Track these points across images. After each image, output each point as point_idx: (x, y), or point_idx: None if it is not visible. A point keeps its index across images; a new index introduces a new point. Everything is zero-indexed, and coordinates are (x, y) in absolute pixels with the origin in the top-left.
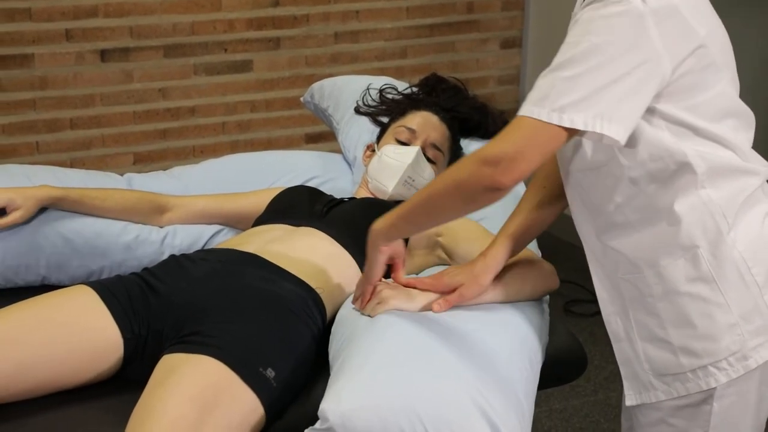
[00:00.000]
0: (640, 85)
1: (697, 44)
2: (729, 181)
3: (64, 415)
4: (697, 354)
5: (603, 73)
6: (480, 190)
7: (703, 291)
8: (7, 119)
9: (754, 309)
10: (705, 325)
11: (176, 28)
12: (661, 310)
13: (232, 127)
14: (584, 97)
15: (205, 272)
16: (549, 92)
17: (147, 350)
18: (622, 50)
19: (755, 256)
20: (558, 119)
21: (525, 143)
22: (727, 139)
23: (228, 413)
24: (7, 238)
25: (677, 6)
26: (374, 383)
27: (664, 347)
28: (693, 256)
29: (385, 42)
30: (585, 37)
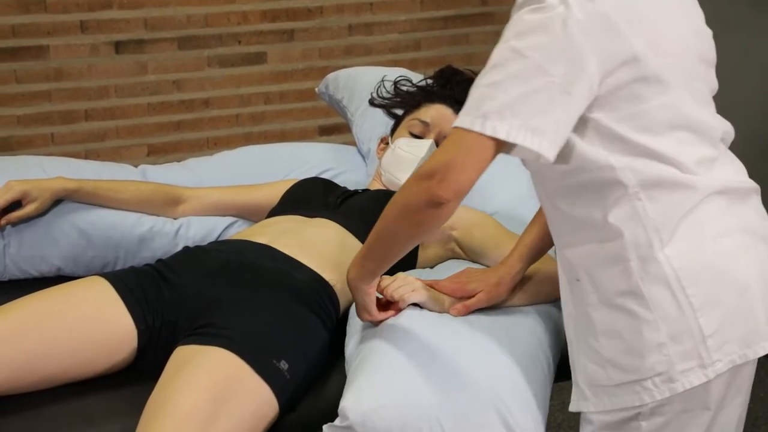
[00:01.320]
0: (564, 95)
1: (630, 55)
2: (666, 195)
3: (78, 406)
4: (624, 369)
5: (524, 80)
6: (422, 207)
7: (632, 305)
8: (23, 110)
9: (685, 331)
10: (632, 340)
11: (190, 19)
12: (596, 319)
13: (246, 119)
14: (506, 104)
15: (219, 264)
16: (474, 100)
17: (161, 341)
18: (545, 57)
19: (693, 276)
20: (480, 127)
21: (456, 152)
22: (665, 152)
23: (241, 405)
24: (22, 229)
25: (607, 14)
26: (395, 383)
27: (595, 357)
28: (624, 269)
29: (399, 34)
30: (508, 43)
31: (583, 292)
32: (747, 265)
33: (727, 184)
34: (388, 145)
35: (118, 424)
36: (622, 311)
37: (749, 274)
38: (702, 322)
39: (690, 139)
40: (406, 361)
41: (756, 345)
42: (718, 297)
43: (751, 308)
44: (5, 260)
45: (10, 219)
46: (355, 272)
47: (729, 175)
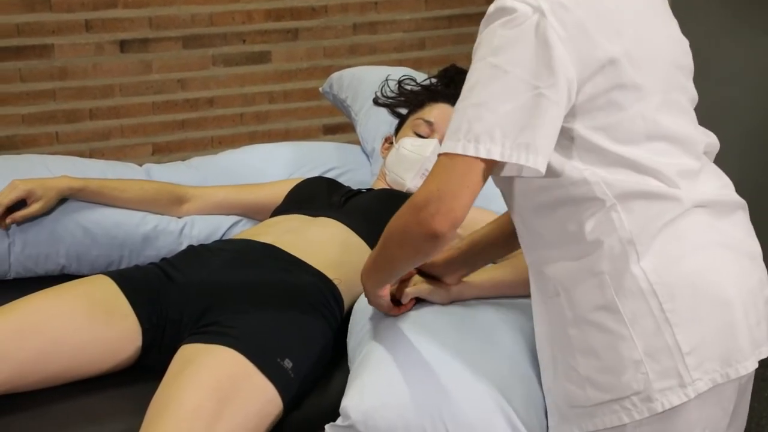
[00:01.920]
0: (552, 105)
1: (606, 61)
2: (644, 207)
3: (82, 404)
4: (601, 388)
5: (510, 97)
6: (419, 239)
7: (607, 321)
8: (27, 109)
9: (663, 349)
10: (609, 357)
11: (195, 19)
12: (573, 337)
13: (251, 118)
14: (495, 124)
15: (223, 262)
16: (461, 124)
17: (165, 340)
18: (526, 70)
19: (671, 292)
20: (474, 150)
21: (448, 180)
22: (643, 162)
23: (246, 403)
24: (27, 228)
25: (582, 21)
26: (397, 382)
27: (573, 377)
28: (600, 283)
29: (404, 33)
30: (486, 60)
31: (559, 309)
32: (728, 281)
33: (709, 197)
34: (392, 144)
35: (122, 422)
36: (597, 327)
37: (730, 290)
38: (680, 339)
39: (669, 149)
40: (408, 359)
41: (738, 364)
42: (696, 313)
43: (732, 325)
44: (10, 259)
45: (15, 218)
46: (365, 280)
47: (712, 189)
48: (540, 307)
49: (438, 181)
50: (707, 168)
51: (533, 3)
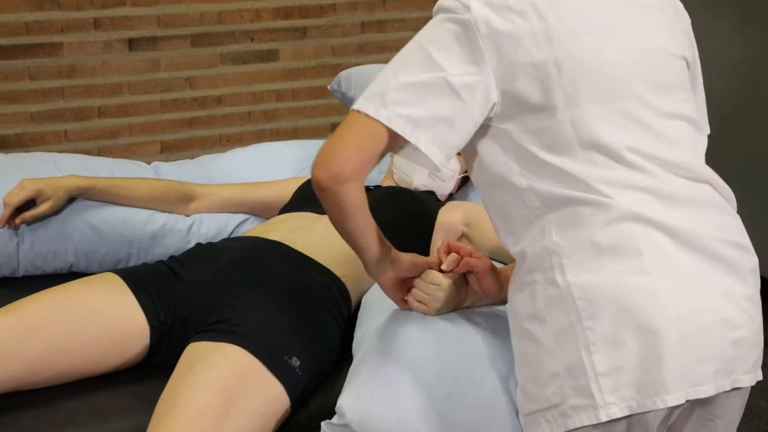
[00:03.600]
0: (453, 95)
1: (529, 66)
2: (570, 219)
3: (90, 401)
4: (530, 397)
5: (414, 70)
6: (318, 186)
7: (536, 330)
8: (36, 107)
9: (578, 365)
10: (535, 367)
11: (203, 17)
12: (513, 344)
13: (259, 117)
14: (392, 89)
15: (231, 260)
16: (371, 86)
17: (173, 338)
18: (440, 53)
19: (593, 308)
20: (364, 107)
21: (343, 134)
22: (572, 173)
23: (253, 401)
24: (35, 226)
25: (510, 24)
26: (394, 381)
27: (514, 384)
28: (531, 292)
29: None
30: (416, 42)
31: (508, 318)
32: (664, 310)
33: (677, 223)
34: None
35: (130, 419)
36: (528, 336)
37: (663, 319)
38: (596, 359)
39: (603, 161)
40: (405, 359)
41: (657, 396)
42: (619, 335)
43: (658, 355)
44: (19, 257)
45: (25, 218)
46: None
47: (688, 217)
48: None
49: (335, 135)
50: (698, 199)
51: (464, 2)
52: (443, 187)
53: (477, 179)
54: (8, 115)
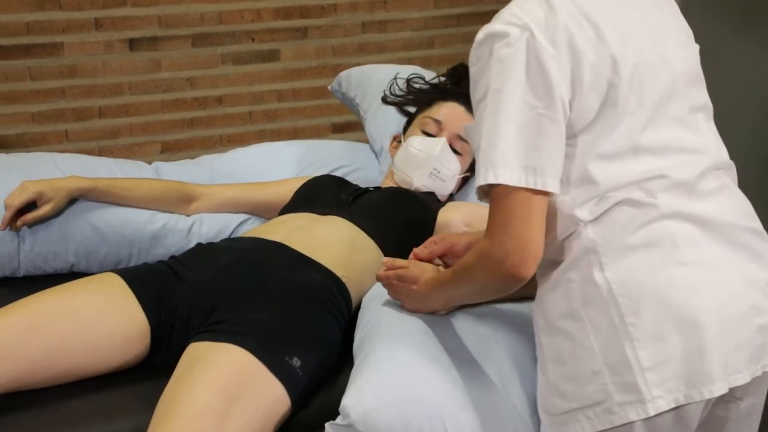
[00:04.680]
0: (548, 127)
1: (593, 78)
2: (609, 218)
3: (91, 401)
4: (566, 396)
5: (513, 121)
6: (509, 283)
7: (572, 328)
8: (37, 107)
9: (622, 361)
10: (573, 365)
11: (204, 17)
12: (544, 343)
13: (259, 117)
14: (506, 149)
15: (232, 261)
16: (483, 158)
17: (173, 338)
18: (524, 93)
19: (634, 305)
20: (494, 177)
21: (508, 223)
22: (616, 174)
23: (254, 401)
24: (36, 226)
25: (569, 37)
26: (397, 381)
27: (544, 383)
28: (566, 291)
29: (413, 32)
30: (490, 89)
31: (536, 317)
32: (700, 302)
33: (704, 214)
34: (400, 143)
35: (131, 419)
36: (564, 335)
37: (703, 310)
38: (641, 354)
39: (654, 163)
40: (408, 359)
41: (703, 386)
42: (661, 329)
43: (701, 347)
44: (20, 257)
45: (26, 220)
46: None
47: (712, 207)
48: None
49: (506, 229)
50: (717, 186)
51: (519, 23)
52: (444, 188)
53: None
54: (9, 115)
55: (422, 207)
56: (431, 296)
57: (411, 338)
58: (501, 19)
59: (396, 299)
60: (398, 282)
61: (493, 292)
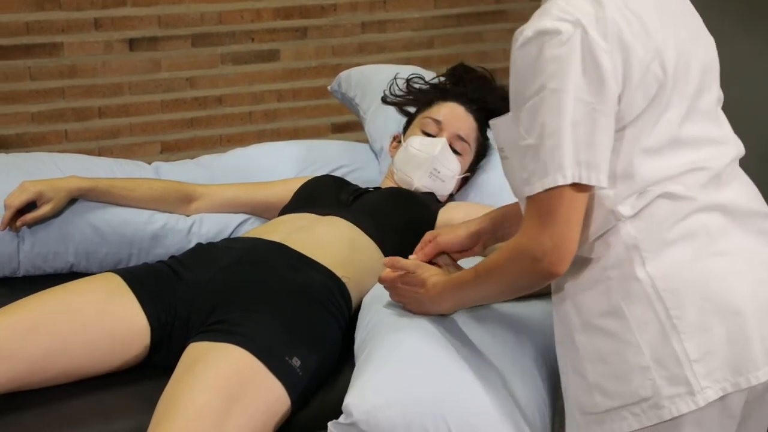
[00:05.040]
0: (603, 123)
1: (641, 72)
2: (648, 214)
3: (91, 401)
4: (609, 394)
5: (570, 119)
6: (541, 281)
7: (613, 326)
8: (37, 107)
9: (670, 355)
10: (616, 363)
11: (204, 17)
12: (579, 343)
13: (259, 117)
14: (565, 147)
15: (232, 261)
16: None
17: (173, 338)
18: (579, 90)
19: (679, 299)
20: (563, 179)
21: (551, 223)
22: (656, 169)
23: (254, 401)
24: (36, 226)
25: (618, 31)
26: (400, 380)
27: (581, 383)
28: (605, 289)
29: (413, 32)
30: (546, 88)
31: (567, 316)
32: (739, 290)
33: (731, 203)
34: (400, 143)
35: (131, 419)
36: (604, 333)
37: (742, 298)
38: (687, 347)
39: (687, 156)
40: (411, 357)
41: (749, 373)
42: (705, 320)
43: (744, 334)
44: (19, 257)
45: (26, 221)
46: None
47: (736, 196)
48: (554, 314)
49: (546, 228)
50: (734, 175)
51: (571, 19)
52: (443, 188)
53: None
54: (9, 115)
55: (422, 207)
56: (442, 299)
57: (413, 337)
58: (550, 15)
59: (398, 302)
60: (404, 285)
61: (522, 289)
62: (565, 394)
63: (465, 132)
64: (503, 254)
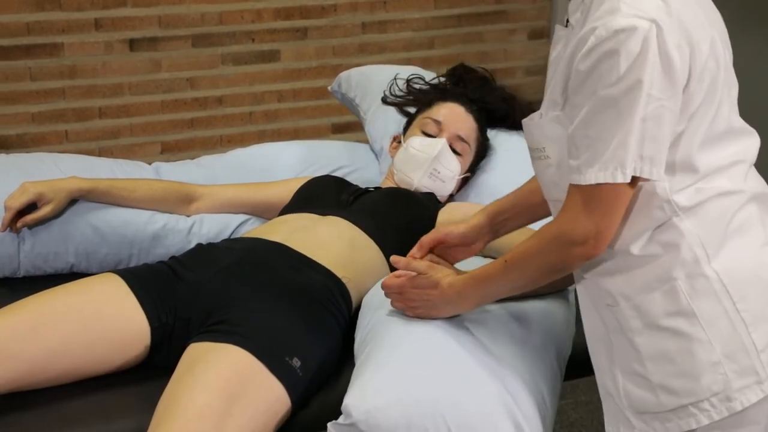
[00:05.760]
0: (669, 119)
1: (702, 66)
2: (709, 208)
3: (92, 401)
4: (677, 393)
5: (640, 116)
6: (577, 265)
7: (682, 326)
8: (37, 108)
9: (740, 348)
10: (685, 362)
11: (204, 17)
12: (640, 344)
13: (259, 117)
14: (632, 145)
15: (232, 261)
16: (605, 151)
17: (174, 338)
18: (653, 87)
19: (743, 291)
20: (622, 176)
21: (597, 211)
22: (715, 165)
23: (254, 402)
24: (36, 227)
25: (683, 25)
26: (399, 380)
27: (643, 384)
28: (671, 289)
29: (413, 32)
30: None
31: (620, 318)
32: None
33: (760, 191)
34: (400, 143)
35: (131, 419)
36: (670, 333)
37: None
38: (755, 338)
39: (732, 148)
40: (411, 358)
41: None
42: (765, 310)
43: None
44: (20, 257)
45: (26, 222)
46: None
47: (758, 183)
48: (592, 316)
49: (591, 216)
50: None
51: (646, 15)
52: (443, 188)
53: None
54: (9, 115)
55: (422, 207)
56: (462, 297)
57: (413, 337)
58: (621, 13)
59: (403, 308)
60: (414, 289)
61: (555, 274)
62: (610, 393)
63: (465, 132)
64: (539, 240)
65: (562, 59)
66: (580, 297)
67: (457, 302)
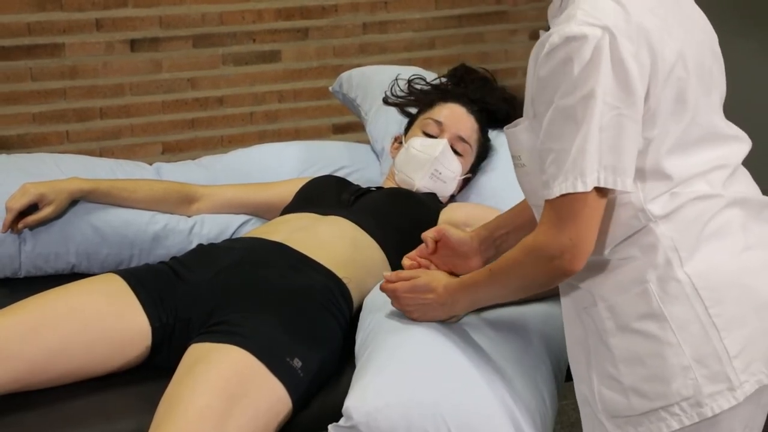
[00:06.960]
0: (630, 127)
1: (666, 72)
2: (682, 212)
3: (93, 401)
4: (648, 396)
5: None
6: (558, 279)
7: (653, 329)
8: (38, 108)
9: (711, 354)
10: (655, 365)
11: (205, 18)
12: (614, 346)
13: (260, 117)
14: (592, 153)
15: (233, 261)
16: (566, 163)
17: (175, 339)
18: (607, 95)
19: (717, 295)
20: (582, 185)
21: (569, 223)
22: (689, 171)
23: (254, 402)
24: (37, 227)
25: (644, 32)
26: (400, 382)
27: (616, 387)
28: (643, 291)
29: (414, 32)
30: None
31: (596, 319)
32: (766, 282)
33: (743, 196)
34: (401, 144)
35: (132, 420)
36: (642, 335)
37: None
38: (727, 344)
39: (711, 153)
40: (411, 360)
41: None
42: (741, 316)
43: None
44: (21, 258)
45: (28, 223)
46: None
47: (744, 188)
48: (572, 318)
49: (566, 229)
50: (738, 167)
51: (599, 23)
52: (445, 189)
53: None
54: (10, 115)
55: (424, 207)
56: (455, 300)
57: (414, 339)
58: (576, 20)
59: (403, 310)
60: (409, 294)
61: (536, 288)
62: (586, 399)
63: (466, 133)
64: (519, 252)
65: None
66: (563, 302)
67: (451, 305)
